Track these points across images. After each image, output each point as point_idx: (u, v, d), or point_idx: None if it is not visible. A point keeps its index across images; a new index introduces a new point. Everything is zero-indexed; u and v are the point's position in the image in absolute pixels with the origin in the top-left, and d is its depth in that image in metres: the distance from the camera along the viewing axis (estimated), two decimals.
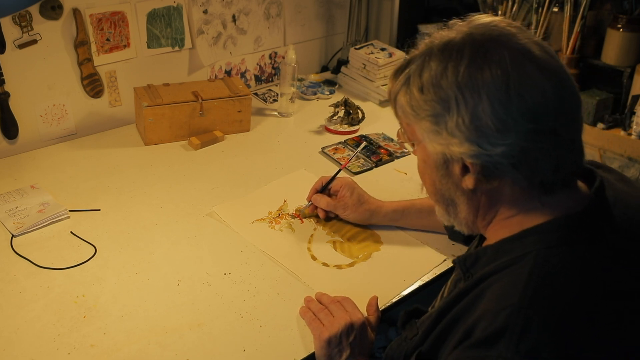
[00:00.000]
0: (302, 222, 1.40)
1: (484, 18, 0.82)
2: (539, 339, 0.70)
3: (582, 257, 0.77)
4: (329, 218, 1.40)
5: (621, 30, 1.69)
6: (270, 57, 2.11)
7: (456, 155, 0.79)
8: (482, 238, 0.94)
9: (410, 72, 0.82)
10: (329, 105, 1.88)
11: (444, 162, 0.82)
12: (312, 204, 1.38)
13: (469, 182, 0.81)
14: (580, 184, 0.85)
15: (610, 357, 0.73)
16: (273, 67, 2.14)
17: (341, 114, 1.85)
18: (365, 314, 1.12)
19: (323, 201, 1.36)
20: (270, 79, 2.15)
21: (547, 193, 0.80)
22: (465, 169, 0.81)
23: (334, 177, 1.38)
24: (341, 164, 1.51)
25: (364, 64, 2.02)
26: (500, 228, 0.84)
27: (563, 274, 0.75)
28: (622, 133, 1.70)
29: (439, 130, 0.79)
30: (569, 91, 0.78)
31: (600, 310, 0.74)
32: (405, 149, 0.89)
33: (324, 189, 1.38)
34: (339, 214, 1.37)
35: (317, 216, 1.40)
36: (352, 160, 1.64)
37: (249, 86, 2.08)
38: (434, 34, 0.83)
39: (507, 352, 0.70)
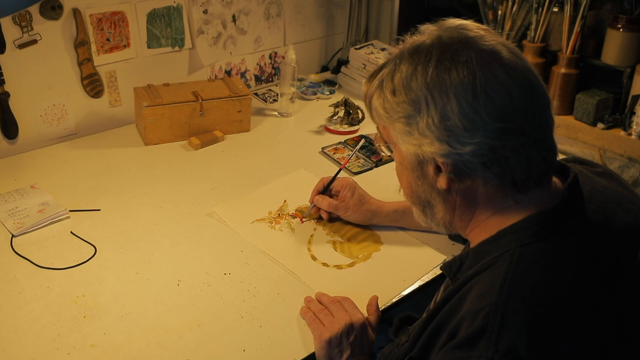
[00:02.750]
0: (302, 222, 1.40)
1: (453, 21, 0.85)
2: (516, 336, 0.71)
3: (555, 252, 0.79)
4: (332, 219, 1.40)
5: (621, 30, 1.69)
6: (270, 57, 2.11)
7: (428, 155, 0.81)
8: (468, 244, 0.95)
9: (383, 75, 0.84)
10: (329, 105, 1.88)
11: (418, 163, 0.84)
12: (314, 205, 1.39)
13: (442, 182, 0.83)
14: (555, 179, 0.87)
15: (586, 352, 0.74)
16: (273, 67, 2.14)
17: (341, 114, 1.85)
18: (366, 314, 1.12)
19: (325, 202, 1.36)
20: (270, 79, 2.15)
21: (520, 191, 0.81)
22: (438, 169, 0.82)
23: (334, 178, 1.38)
24: (341, 164, 1.50)
25: (364, 64, 2.02)
26: (480, 230, 0.86)
27: (536, 270, 0.77)
28: (622, 133, 1.70)
29: (410, 131, 0.81)
30: (536, 91, 0.80)
31: (575, 304, 0.76)
32: (384, 152, 0.92)
33: (325, 189, 1.38)
34: (340, 215, 1.37)
35: (320, 217, 1.40)
36: (352, 159, 1.64)
37: (249, 86, 2.08)
38: (406, 39, 0.85)
39: (487, 352, 0.71)
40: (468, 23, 0.84)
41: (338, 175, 1.39)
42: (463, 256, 0.87)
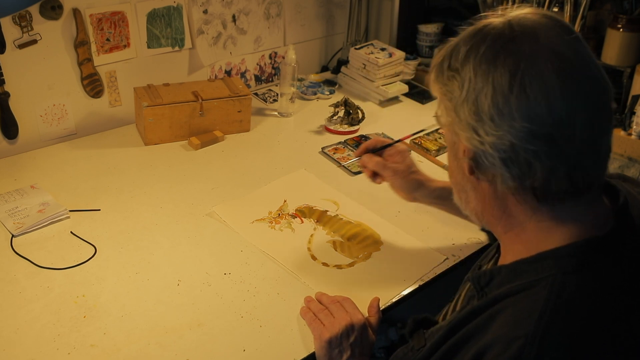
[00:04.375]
0: (302, 222, 1.40)
1: (534, 9, 0.80)
2: None
3: (601, 284, 0.74)
4: (331, 219, 1.40)
5: (621, 30, 1.69)
6: (270, 57, 2.11)
7: (459, 136, 0.80)
8: (498, 253, 0.92)
9: (448, 48, 0.82)
10: (329, 105, 1.88)
11: (453, 142, 0.83)
12: (360, 159, 1.29)
13: (466, 167, 0.81)
14: (604, 199, 0.82)
15: None
16: (273, 67, 2.14)
17: (341, 114, 1.85)
18: (366, 314, 1.12)
19: (372, 161, 1.26)
20: (270, 79, 2.15)
21: (541, 202, 0.78)
22: (464, 154, 0.80)
23: (392, 144, 1.28)
24: (397, 140, 1.33)
25: (364, 64, 2.02)
26: (516, 239, 0.82)
27: (579, 303, 0.72)
28: (622, 133, 1.70)
29: (451, 107, 0.80)
30: (591, 106, 0.74)
31: (617, 344, 0.71)
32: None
33: (377, 151, 1.28)
34: (386, 178, 1.27)
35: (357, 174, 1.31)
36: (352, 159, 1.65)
37: (249, 86, 2.08)
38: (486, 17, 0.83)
39: None
40: (547, 14, 0.79)
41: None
42: (494, 271, 0.82)
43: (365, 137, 1.77)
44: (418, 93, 2.09)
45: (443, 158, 1.71)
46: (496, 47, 0.75)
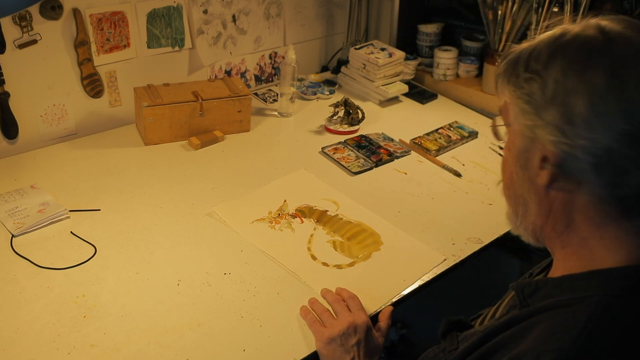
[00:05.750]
0: (302, 222, 1.40)
1: (609, 16, 0.77)
2: None
3: None
4: (331, 218, 1.40)
5: None
6: (270, 57, 2.11)
7: (539, 140, 0.74)
8: (551, 265, 0.89)
9: (522, 51, 0.78)
10: (329, 105, 1.88)
11: (525, 150, 0.77)
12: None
13: (543, 176, 0.75)
14: None
15: None
16: (273, 67, 2.14)
17: (341, 114, 1.85)
18: (368, 315, 1.12)
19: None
20: (270, 79, 2.15)
21: (626, 216, 0.73)
22: (543, 161, 0.75)
23: None
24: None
25: (364, 64, 2.02)
26: (572, 254, 0.78)
27: (621, 328, 0.69)
28: None
29: (529, 109, 0.75)
30: None
31: None
32: (497, 138, 0.85)
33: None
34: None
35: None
36: (352, 159, 1.65)
37: (249, 86, 2.08)
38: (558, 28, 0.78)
39: None
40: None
41: None
42: (540, 282, 0.79)
43: (365, 137, 1.77)
44: (418, 93, 2.09)
45: (443, 158, 1.71)
46: (588, 48, 0.72)
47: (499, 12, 1.90)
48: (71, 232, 1.34)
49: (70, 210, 1.39)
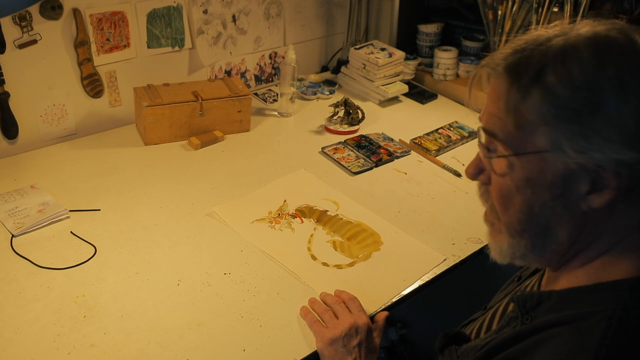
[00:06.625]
0: (302, 222, 1.40)
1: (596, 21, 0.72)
2: None
3: None
4: (331, 218, 1.40)
5: None
6: (270, 57, 2.11)
7: (601, 163, 0.66)
8: (538, 271, 0.87)
9: (543, 64, 0.68)
10: (329, 105, 1.88)
11: (564, 178, 0.69)
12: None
13: (598, 200, 0.68)
14: None
15: None
16: (273, 67, 2.14)
17: (341, 114, 1.85)
18: (369, 316, 1.12)
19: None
20: (270, 79, 2.15)
21: None
22: (592, 185, 0.68)
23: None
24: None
25: (364, 64, 2.02)
26: (580, 267, 0.75)
27: (638, 343, 0.66)
28: None
29: (581, 132, 0.66)
30: None
31: None
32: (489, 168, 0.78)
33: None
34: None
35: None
36: (352, 159, 1.65)
37: (249, 86, 2.08)
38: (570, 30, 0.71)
39: None
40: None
41: None
42: (544, 295, 0.75)
43: (365, 137, 1.77)
44: (418, 93, 2.09)
45: (443, 158, 1.71)
46: (628, 50, 0.67)
47: (499, 12, 1.90)
48: (71, 232, 1.34)
49: (70, 210, 1.39)
